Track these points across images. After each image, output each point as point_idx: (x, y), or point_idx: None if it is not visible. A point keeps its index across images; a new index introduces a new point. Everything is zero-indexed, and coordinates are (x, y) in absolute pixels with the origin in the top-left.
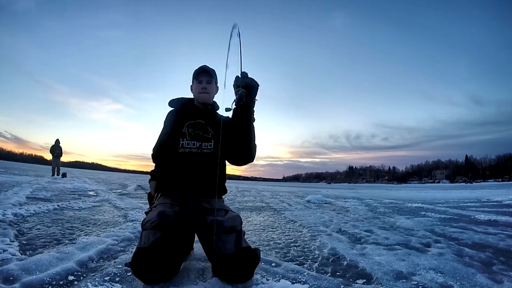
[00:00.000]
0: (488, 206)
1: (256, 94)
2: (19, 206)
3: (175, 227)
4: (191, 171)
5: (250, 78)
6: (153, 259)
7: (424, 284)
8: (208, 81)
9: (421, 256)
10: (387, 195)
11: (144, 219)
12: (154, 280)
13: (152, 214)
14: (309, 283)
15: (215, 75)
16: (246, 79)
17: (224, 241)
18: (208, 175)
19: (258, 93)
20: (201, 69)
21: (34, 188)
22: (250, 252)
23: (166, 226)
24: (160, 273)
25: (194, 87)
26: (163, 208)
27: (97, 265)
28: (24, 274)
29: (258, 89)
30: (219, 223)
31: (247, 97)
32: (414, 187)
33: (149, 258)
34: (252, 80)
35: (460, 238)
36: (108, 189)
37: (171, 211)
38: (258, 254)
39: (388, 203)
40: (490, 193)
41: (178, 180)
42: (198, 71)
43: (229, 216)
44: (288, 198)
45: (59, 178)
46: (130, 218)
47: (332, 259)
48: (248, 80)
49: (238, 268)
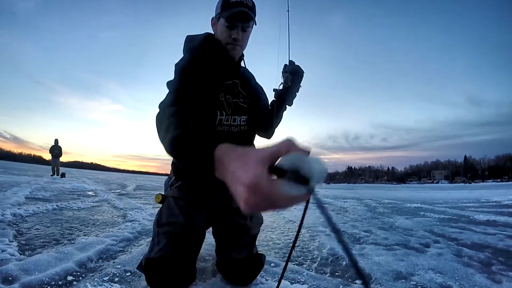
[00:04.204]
0: (487, 206)
1: (301, 80)
2: (18, 206)
3: (199, 238)
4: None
5: (297, 65)
6: (168, 271)
7: (423, 284)
8: (245, 28)
9: (420, 256)
10: (386, 195)
11: (161, 215)
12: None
13: (176, 218)
14: (308, 283)
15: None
16: (293, 66)
17: (241, 246)
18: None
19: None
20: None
21: (33, 188)
22: (258, 259)
23: (189, 239)
24: (175, 285)
25: (220, 28)
26: (190, 218)
27: (96, 266)
28: (23, 274)
29: (303, 76)
30: (247, 228)
31: (293, 81)
32: (413, 187)
33: (164, 270)
34: (298, 67)
35: (459, 238)
36: (107, 189)
37: (199, 221)
38: (263, 260)
39: (387, 203)
40: (489, 193)
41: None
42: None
43: (255, 222)
44: None
45: (58, 178)
46: (129, 218)
47: (331, 259)
48: (295, 66)
49: (245, 273)
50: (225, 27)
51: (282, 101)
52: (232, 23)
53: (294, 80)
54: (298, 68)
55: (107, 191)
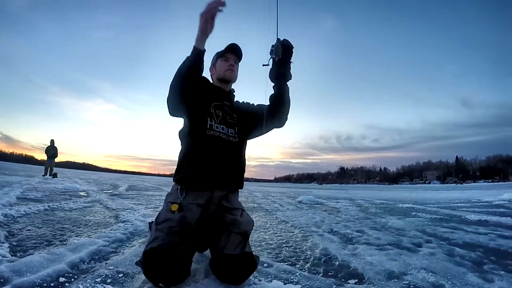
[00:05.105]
0: (478, 206)
1: (291, 55)
2: (9, 206)
3: (194, 235)
4: (220, 160)
5: (286, 39)
6: (166, 260)
7: (415, 284)
8: (236, 60)
9: (412, 256)
10: (378, 195)
11: (160, 215)
12: (164, 282)
13: (172, 216)
14: (301, 284)
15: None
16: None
17: (232, 241)
18: (235, 167)
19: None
20: (232, 47)
21: (25, 189)
22: (251, 258)
23: (184, 234)
24: (171, 276)
25: (218, 64)
26: (185, 213)
27: (89, 267)
28: (15, 275)
29: (292, 51)
30: (237, 223)
31: (284, 53)
32: (405, 187)
33: (162, 259)
34: (288, 41)
35: (451, 238)
36: (99, 190)
37: (193, 217)
38: (257, 261)
39: (380, 203)
40: (481, 193)
41: (206, 170)
42: (228, 49)
43: (246, 219)
44: (279, 199)
45: (49, 179)
46: (122, 219)
47: (324, 259)
48: (285, 40)
49: (236, 271)
50: (222, 61)
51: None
52: (226, 55)
53: (285, 52)
54: (288, 42)
55: (99, 192)
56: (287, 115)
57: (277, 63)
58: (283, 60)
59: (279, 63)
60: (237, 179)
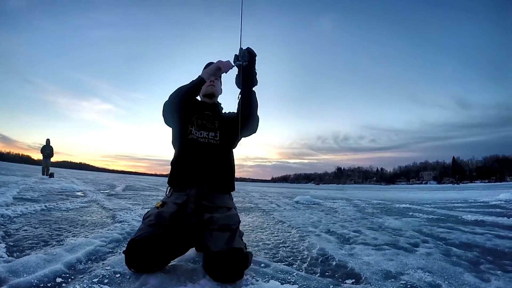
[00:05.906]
0: (475, 206)
1: (255, 62)
2: (5, 206)
3: (168, 228)
4: (198, 161)
5: (249, 47)
6: (140, 250)
7: (412, 284)
8: (216, 77)
9: (409, 256)
10: (375, 196)
11: (147, 212)
12: (140, 269)
13: (154, 211)
14: (298, 284)
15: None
16: (247, 48)
17: (216, 238)
18: (215, 167)
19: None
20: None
21: (21, 189)
22: (240, 253)
23: (159, 227)
24: (145, 263)
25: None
26: (162, 209)
27: (86, 267)
28: (11, 276)
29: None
30: (214, 220)
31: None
32: (402, 188)
33: (136, 249)
34: (251, 48)
35: (448, 238)
36: (96, 190)
37: (168, 213)
38: (249, 257)
39: (376, 203)
40: (477, 194)
41: (186, 170)
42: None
43: (226, 214)
44: (277, 199)
45: (46, 178)
46: (119, 219)
47: (321, 259)
48: (248, 48)
49: (225, 267)
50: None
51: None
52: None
53: (251, 59)
54: (251, 49)
55: (96, 192)
56: (256, 120)
57: (243, 69)
58: (250, 66)
59: (245, 70)
60: (220, 179)
